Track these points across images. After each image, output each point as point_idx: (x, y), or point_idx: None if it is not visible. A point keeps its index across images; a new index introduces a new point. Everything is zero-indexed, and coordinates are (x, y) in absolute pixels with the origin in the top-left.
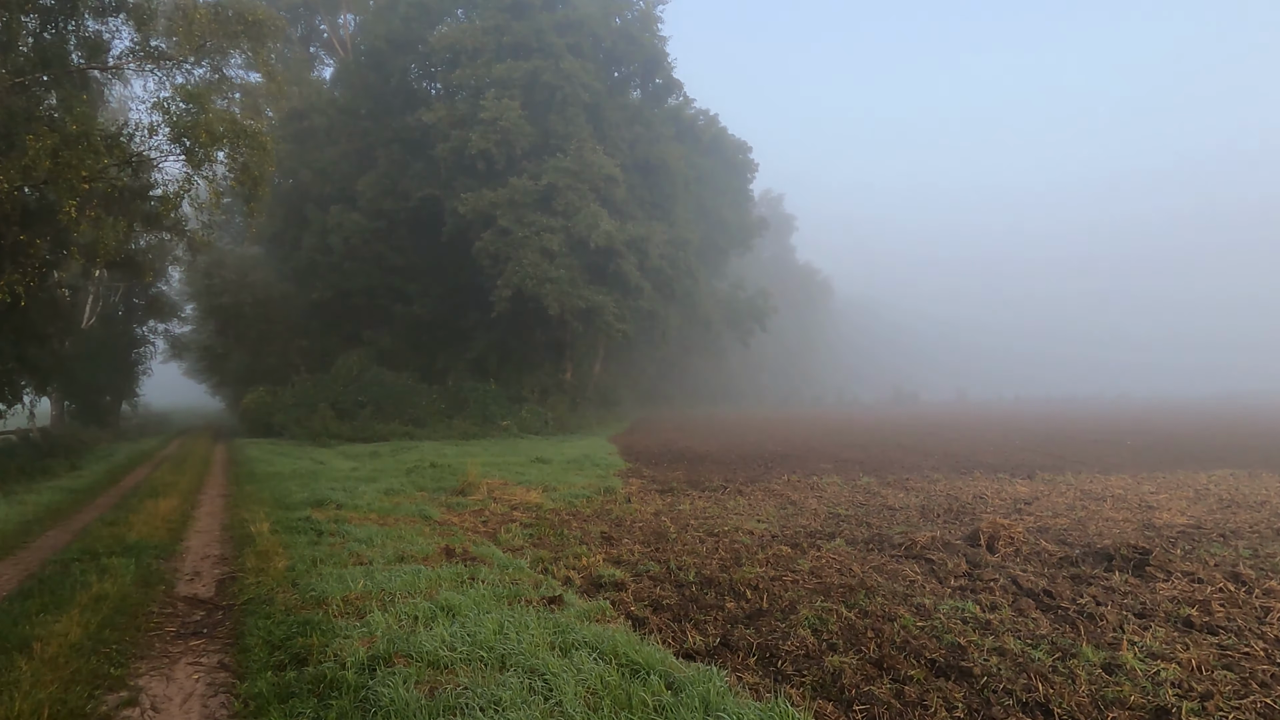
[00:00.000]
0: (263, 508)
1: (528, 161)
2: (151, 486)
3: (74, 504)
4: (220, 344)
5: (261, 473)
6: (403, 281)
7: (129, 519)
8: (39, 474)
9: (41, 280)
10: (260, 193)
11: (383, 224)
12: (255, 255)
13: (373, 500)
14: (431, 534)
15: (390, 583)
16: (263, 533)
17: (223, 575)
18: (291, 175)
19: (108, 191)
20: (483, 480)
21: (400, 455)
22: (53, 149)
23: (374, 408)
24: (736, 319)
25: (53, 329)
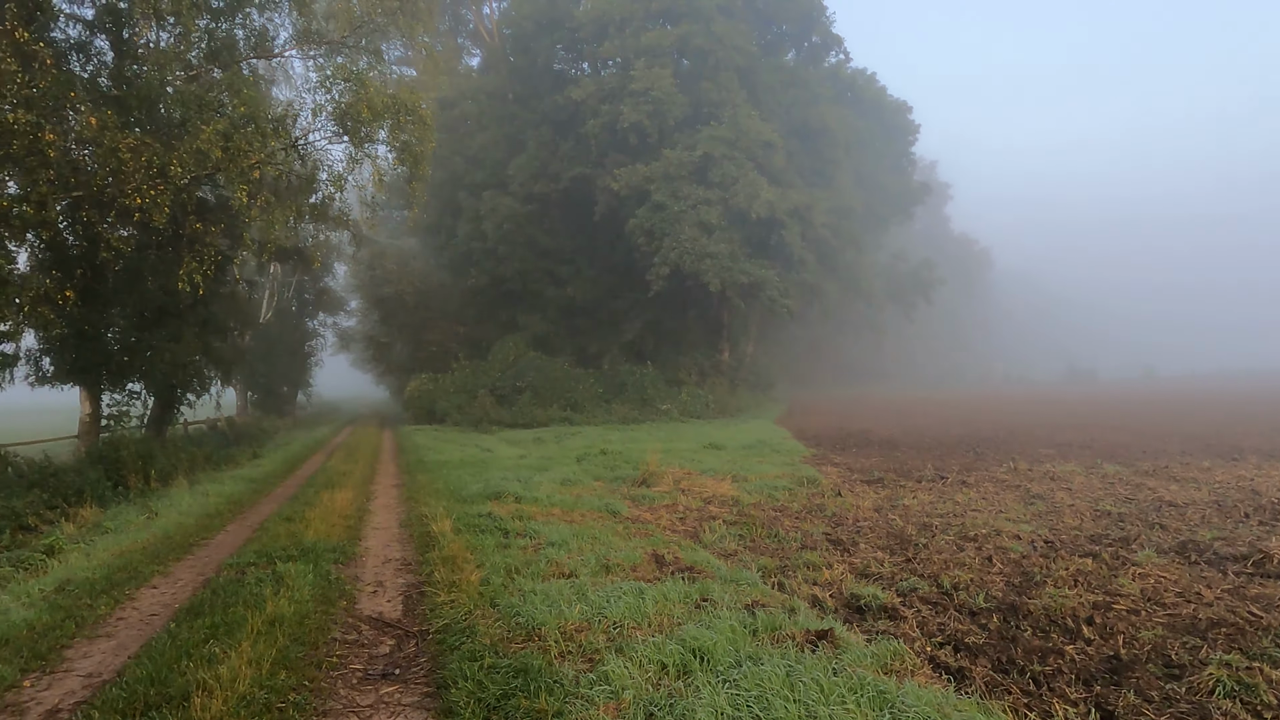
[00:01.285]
0: (439, 501)
1: (681, 132)
2: (327, 476)
3: (253, 495)
4: (384, 334)
5: (431, 461)
6: (555, 264)
7: (305, 515)
8: (224, 463)
9: (219, 273)
10: (422, 171)
11: (534, 207)
12: (413, 247)
13: (551, 492)
14: (627, 534)
15: (610, 607)
16: (445, 533)
17: (408, 587)
18: (444, 165)
19: (276, 177)
20: (665, 469)
21: (565, 442)
22: (223, 133)
23: (532, 393)
24: (899, 291)
25: (234, 322)
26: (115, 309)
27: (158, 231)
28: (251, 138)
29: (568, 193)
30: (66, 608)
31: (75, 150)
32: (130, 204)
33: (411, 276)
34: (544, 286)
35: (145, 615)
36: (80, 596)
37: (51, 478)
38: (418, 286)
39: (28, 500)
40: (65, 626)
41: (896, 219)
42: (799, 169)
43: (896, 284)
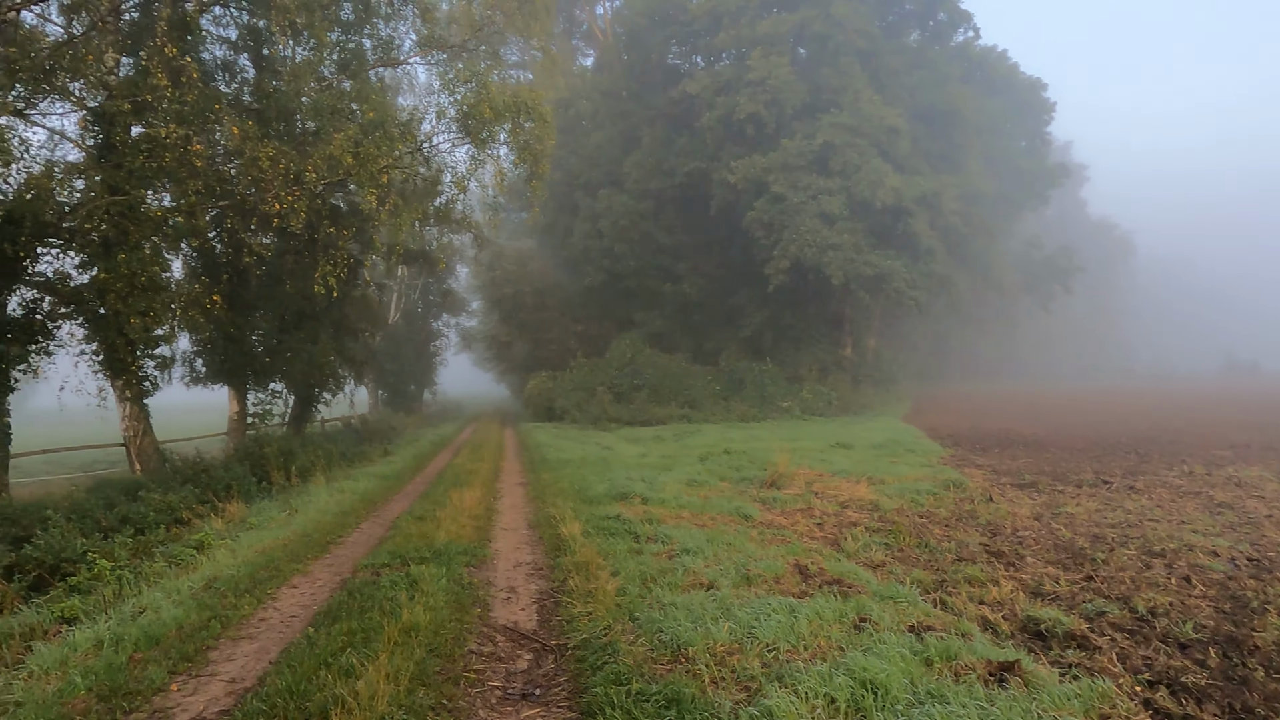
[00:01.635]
0: (566, 502)
1: (799, 121)
2: (454, 474)
3: (385, 492)
4: (504, 333)
5: (553, 459)
6: (671, 261)
7: (436, 514)
8: (357, 459)
9: (351, 277)
10: (541, 169)
11: (650, 204)
12: (531, 248)
13: (678, 494)
14: (762, 540)
15: (761, 625)
16: (575, 536)
17: (541, 594)
18: (561, 165)
19: (403, 180)
20: (795, 470)
21: (685, 440)
22: (353, 140)
23: (649, 391)
24: (1034, 281)
25: (365, 324)
26: (258, 313)
27: (295, 237)
28: (380, 142)
29: (683, 188)
30: (212, 606)
31: (221, 161)
32: (270, 210)
33: (530, 276)
34: (660, 283)
35: (285, 617)
36: (225, 595)
37: (203, 473)
38: (536, 286)
39: (182, 495)
40: (211, 627)
41: (1030, 204)
42: (925, 154)
43: (1031, 273)
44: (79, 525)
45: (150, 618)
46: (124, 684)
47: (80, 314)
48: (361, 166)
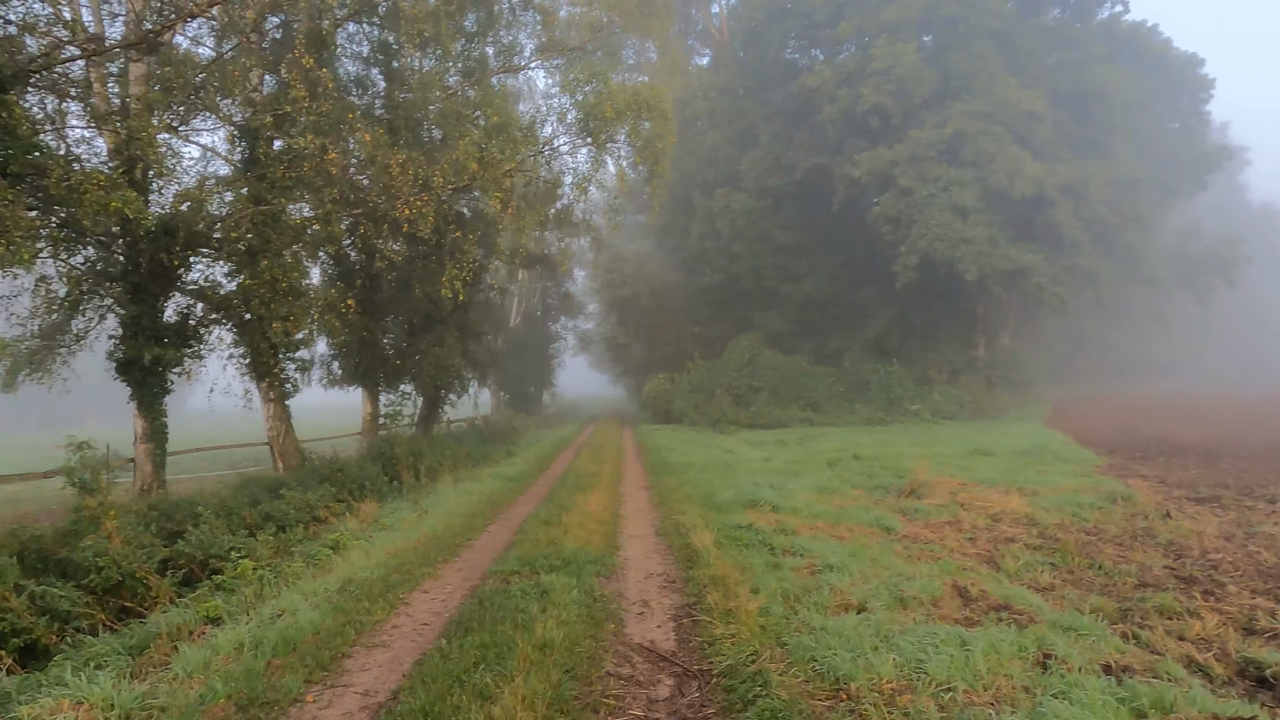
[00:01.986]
0: (693, 508)
1: (928, 110)
2: (577, 477)
3: (510, 493)
4: (621, 335)
5: (675, 463)
6: (791, 260)
7: (562, 519)
8: (482, 460)
9: (476, 280)
10: (661, 168)
11: (768, 202)
12: (648, 249)
13: (810, 502)
14: (909, 556)
15: (930, 659)
16: (707, 547)
17: (677, 610)
18: (677, 165)
19: (525, 184)
20: (935, 479)
21: (809, 444)
22: (478, 145)
23: (769, 393)
24: (1190, 274)
25: (488, 327)
26: (389, 317)
27: (423, 242)
28: (503, 145)
29: (802, 185)
30: (347, 611)
31: (355, 171)
32: (399, 216)
33: (647, 278)
34: (779, 283)
35: (417, 624)
36: (360, 599)
37: (339, 473)
38: (653, 287)
39: (319, 494)
40: (345, 633)
41: (1186, 190)
42: (1068, 139)
43: (1187, 265)
44: (226, 521)
45: (288, 621)
46: (262, 692)
47: (229, 319)
48: (486, 171)
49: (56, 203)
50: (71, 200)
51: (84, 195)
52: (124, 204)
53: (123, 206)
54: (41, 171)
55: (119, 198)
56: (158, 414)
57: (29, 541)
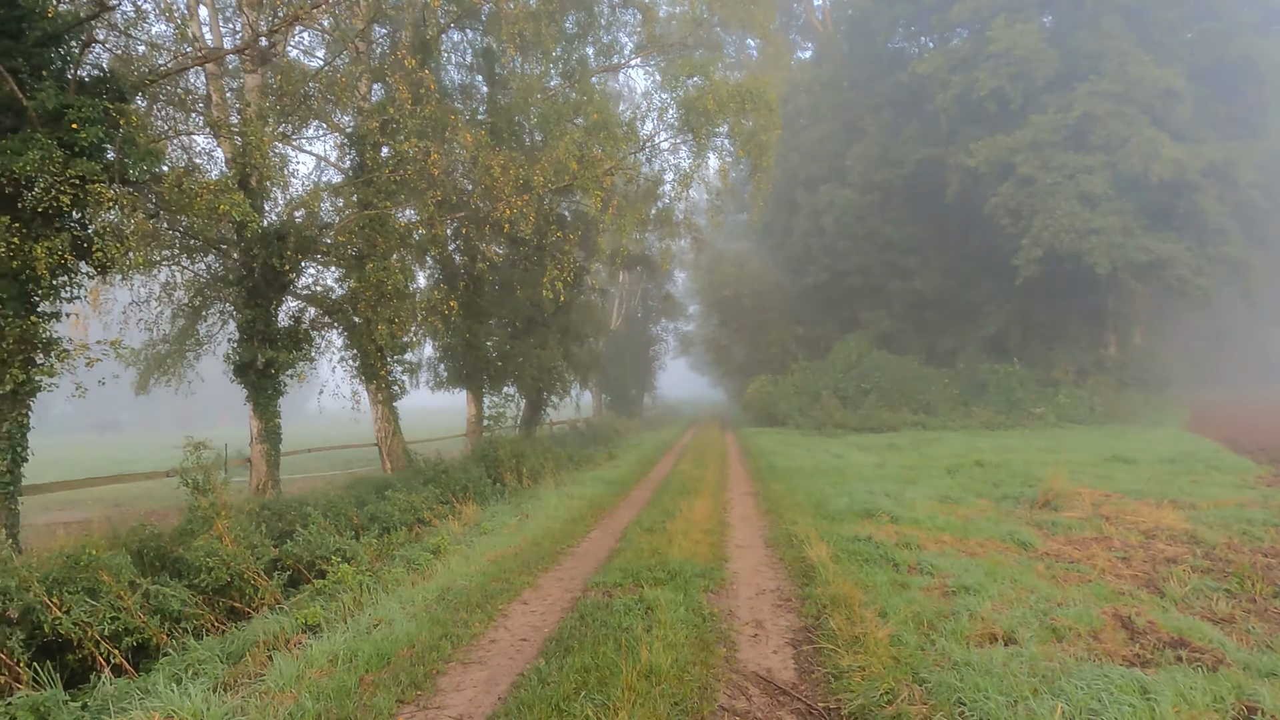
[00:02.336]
0: (804, 517)
1: (1050, 94)
2: (680, 481)
3: (612, 498)
4: (722, 336)
5: (781, 467)
6: (900, 256)
7: (666, 526)
8: (583, 463)
9: (577, 282)
10: (766, 162)
11: (875, 197)
12: (749, 249)
13: (932, 512)
14: (1052, 576)
15: (1106, 711)
16: (823, 561)
17: (794, 633)
18: (780, 162)
19: (626, 182)
20: (1074, 489)
21: (924, 449)
22: (578, 143)
23: (878, 395)
24: None
25: (589, 329)
26: (493, 320)
27: (524, 243)
28: (604, 143)
29: (912, 178)
30: (444, 623)
31: (459, 175)
32: (500, 217)
33: (749, 278)
34: (887, 280)
35: (515, 639)
36: (457, 609)
37: (443, 474)
38: (755, 287)
39: (423, 496)
40: (441, 647)
41: None
42: (1211, 118)
43: None
44: (334, 522)
45: (384, 633)
46: (352, 711)
47: (339, 323)
48: (586, 170)
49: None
50: (183, 205)
51: (195, 200)
52: (232, 207)
53: (231, 210)
54: (158, 179)
55: (227, 200)
56: (272, 415)
57: (148, 539)
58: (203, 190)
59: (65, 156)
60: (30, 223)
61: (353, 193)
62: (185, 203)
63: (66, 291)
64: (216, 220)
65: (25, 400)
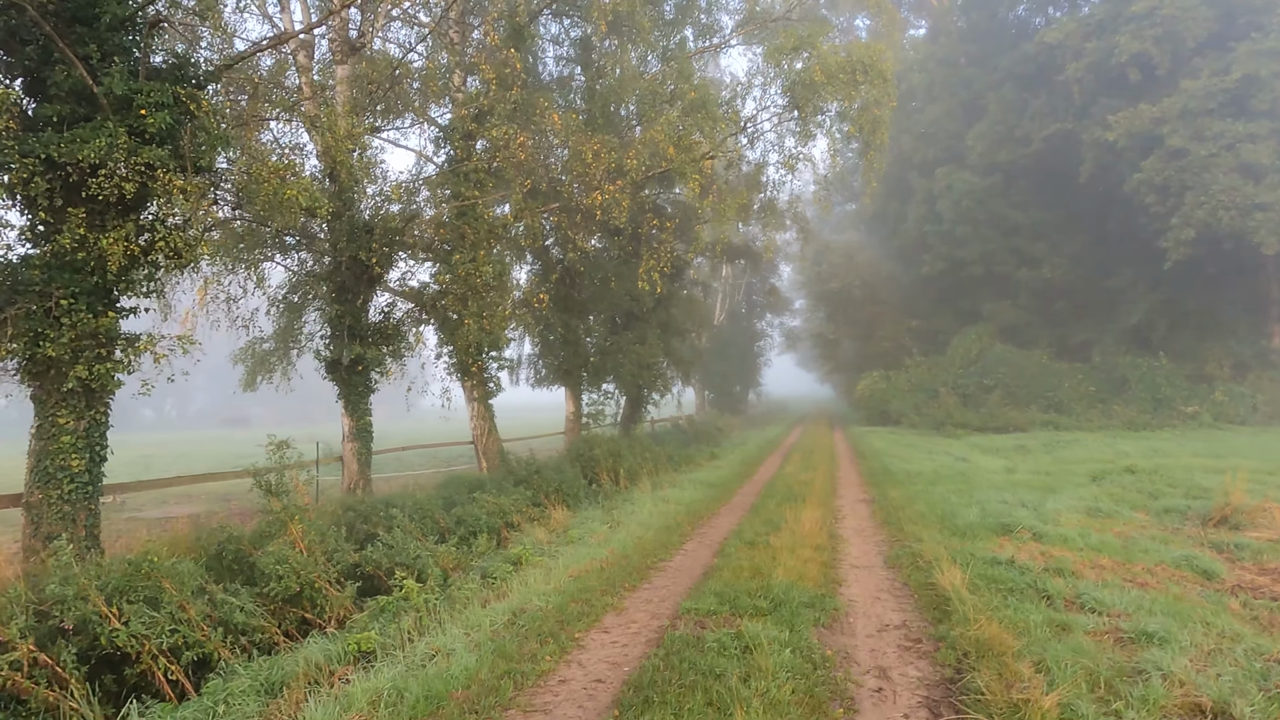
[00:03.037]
0: (929, 531)
1: (1203, 56)
2: (786, 485)
3: (711, 503)
4: (830, 331)
5: (898, 471)
6: (1026, 242)
7: (769, 539)
8: (683, 463)
9: (677, 277)
10: (879, 139)
11: (998, 179)
12: (858, 241)
13: (1082, 529)
14: (1253, 618)
15: None
16: (958, 589)
17: (930, 688)
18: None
19: (727, 166)
20: (1260, 504)
21: (1058, 452)
22: (674, 124)
23: (1003, 392)
24: None
25: (690, 323)
26: (591, 316)
27: (620, 233)
28: (701, 124)
29: (1039, 157)
30: (510, 656)
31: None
32: (592, 204)
33: (858, 269)
34: (1011, 268)
35: (590, 680)
36: (528, 638)
37: (535, 475)
38: (865, 279)
39: (513, 498)
40: (502, 689)
41: None
42: None
43: None
44: (420, 525)
45: (440, 667)
46: None
47: (432, 318)
48: (684, 154)
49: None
50: (251, 191)
51: (262, 186)
52: (299, 193)
53: (298, 195)
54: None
55: (294, 185)
56: (363, 413)
57: (227, 542)
58: (270, 175)
59: (133, 144)
60: (102, 214)
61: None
62: (253, 189)
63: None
64: (282, 207)
65: (101, 397)
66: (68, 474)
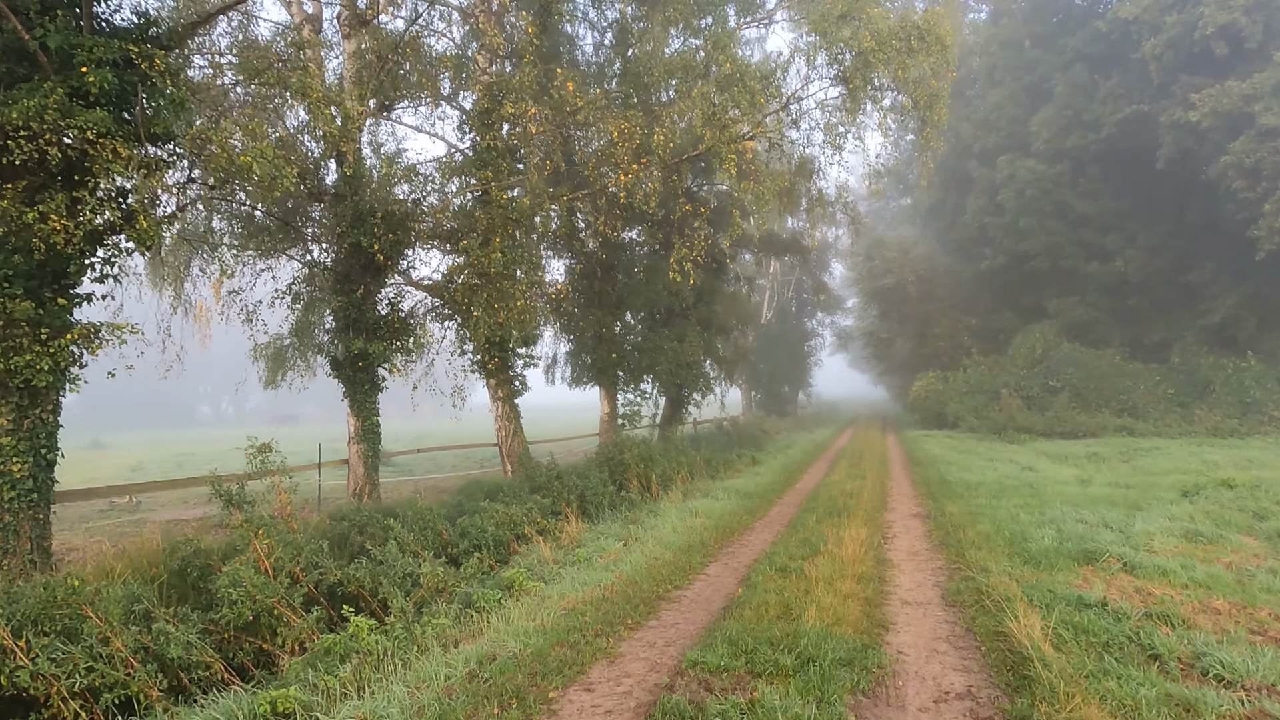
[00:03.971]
0: (994, 556)
1: None
2: (829, 497)
3: (745, 516)
4: (883, 329)
5: (957, 482)
6: (1096, 234)
7: (804, 567)
8: (721, 468)
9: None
10: (937, 114)
11: (1065, 166)
12: (912, 236)
13: (1183, 557)
14: None
15: None
16: (1039, 646)
17: None
18: (948, 133)
19: (768, 148)
20: None
21: (1137, 460)
22: (707, 96)
23: (1071, 394)
24: None
25: (734, 321)
26: (627, 312)
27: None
28: (738, 98)
29: (1111, 142)
30: None
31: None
32: (615, 186)
33: (913, 264)
34: (1081, 262)
35: None
36: (486, 700)
37: (555, 481)
38: (920, 275)
39: (526, 507)
40: None
41: None
42: None
43: None
44: (419, 538)
45: None
46: None
47: (451, 312)
48: (719, 132)
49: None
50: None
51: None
52: (255, 159)
53: (253, 163)
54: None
55: (251, 152)
56: (369, 412)
57: (193, 557)
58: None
59: (69, 106)
60: (44, 187)
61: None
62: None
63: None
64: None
65: (49, 395)
66: (8, 480)
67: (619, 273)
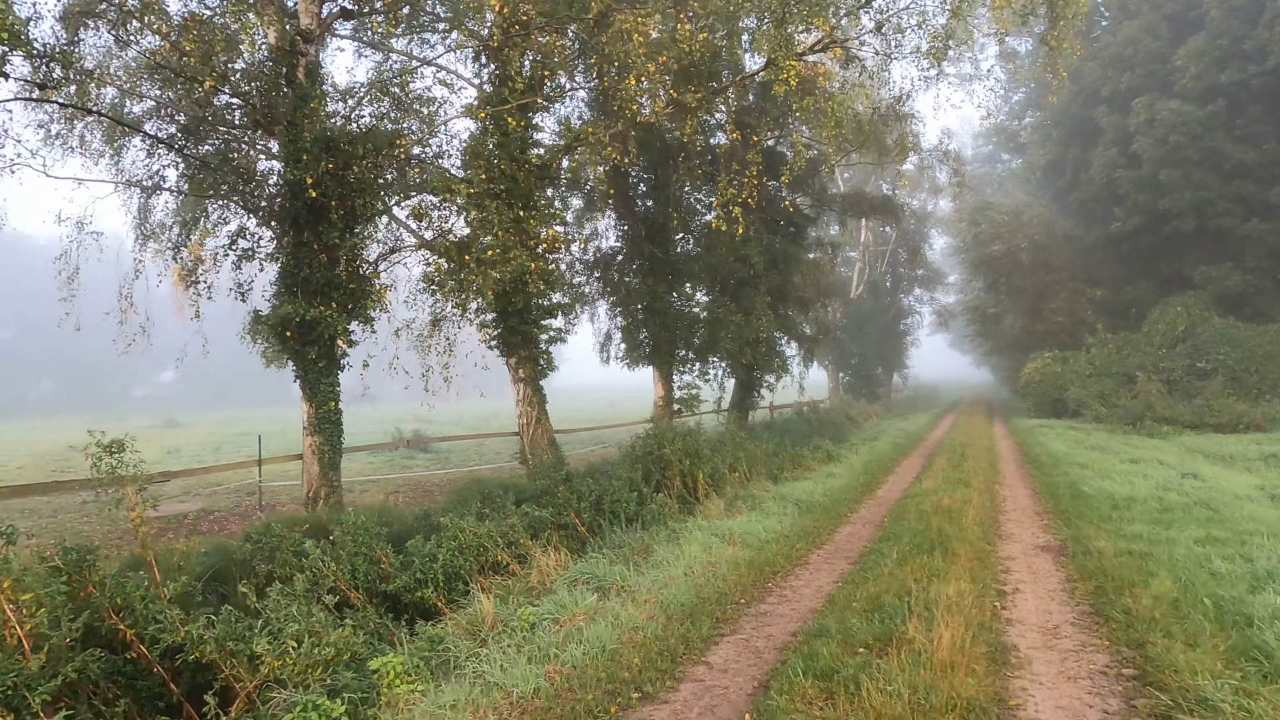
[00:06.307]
0: (1204, 659)
1: None
2: (920, 515)
3: (795, 548)
4: (990, 303)
5: (1096, 493)
6: (1257, 186)
7: (860, 681)
8: (790, 465)
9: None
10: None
11: (1219, 106)
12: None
13: None
14: None
15: None
16: None
17: None
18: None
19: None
20: None
21: None
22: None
23: (1226, 378)
24: None
25: (814, 293)
26: (687, 283)
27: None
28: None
29: (1277, 74)
30: None
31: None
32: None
33: (1025, 229)
34: (1235, 221)
35: None
36: None
37: (563, 484)
38: (1034, 241)
39: (509, 522)
40: None
41: None
42: None
43: None
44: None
45: None
46: None
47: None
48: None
49: None
50: None
51: None
52: None
53: None
54: None
55: None
56: (325, 396)
57: None
58: None
59: None
60: None
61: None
62: None
63: None
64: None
65: None
66: None
67: (676, 234)
